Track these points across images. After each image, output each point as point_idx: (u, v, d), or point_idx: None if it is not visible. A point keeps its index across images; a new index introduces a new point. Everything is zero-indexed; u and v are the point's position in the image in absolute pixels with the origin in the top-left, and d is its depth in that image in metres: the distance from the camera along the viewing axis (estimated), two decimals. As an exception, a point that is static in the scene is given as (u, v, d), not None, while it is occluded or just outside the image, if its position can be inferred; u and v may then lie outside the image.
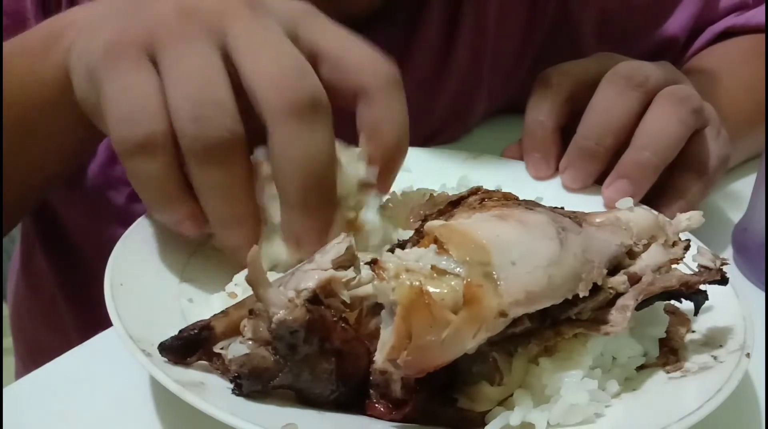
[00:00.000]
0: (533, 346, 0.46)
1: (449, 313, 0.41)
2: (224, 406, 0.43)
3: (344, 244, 0.47)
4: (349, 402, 0.46)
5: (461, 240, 0.43)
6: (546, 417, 0.44)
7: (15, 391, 0.52)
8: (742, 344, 0.49)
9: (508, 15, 0.88)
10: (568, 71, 0.70)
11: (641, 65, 0.67)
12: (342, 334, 0.44)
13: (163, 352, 0.46)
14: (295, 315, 0.43)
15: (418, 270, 0.42)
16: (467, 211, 0.49)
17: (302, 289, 0.44)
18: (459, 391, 0.45)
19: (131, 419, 0.50)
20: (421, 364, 0.41)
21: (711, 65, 0.90)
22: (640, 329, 0.50)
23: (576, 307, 0.45)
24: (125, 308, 0.48)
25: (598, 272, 0.46)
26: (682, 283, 0.49)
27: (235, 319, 0.47)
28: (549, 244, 0.45)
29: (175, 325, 0.47)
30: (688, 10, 0.95)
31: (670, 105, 0.64)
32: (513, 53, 0.92)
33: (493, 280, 0.42)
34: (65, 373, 0.54)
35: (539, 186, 0.69)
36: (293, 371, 0.44)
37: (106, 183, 0.80)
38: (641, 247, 0.50)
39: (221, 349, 0.46)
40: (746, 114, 0.81)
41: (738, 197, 0.75)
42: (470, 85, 0.90)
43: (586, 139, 0.66)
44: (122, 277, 0.51)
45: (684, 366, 0.49)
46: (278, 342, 0.43)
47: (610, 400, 0.46)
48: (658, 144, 0.63)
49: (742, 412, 0.53)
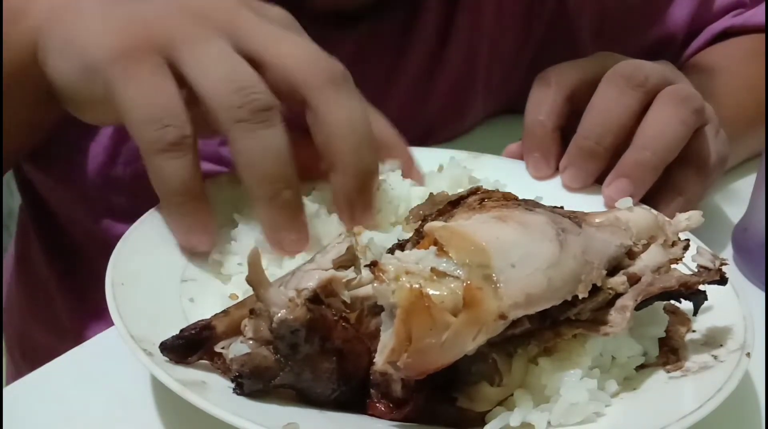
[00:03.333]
0: (533, 347, 0.46)
1: (449, 316, 0.41)
2: (226, 406, 0.43)
3: (345, 243, 0.47)
4: (349, 401, 0.46)
5: (461, 242, 0.43)
6: (546, 417, 0.44)
7: (15, 391, 0.52)
8: (742, 344, 0.49)
9: (505, 12, 0.88)
10: (567, 71, 0.70)
11: (641, 64, 0.67)
12: (343, 333, 0.44)
13: (164, 352, 0.46)
14: (296, 314, 0.43)
15: (418, 272, 0.42)
16: (467, 212, 0.49)
17: (303, 289, 0.44)
18: (459, 391, 0.45)
19: (131, 419, 0.50)
20: (421, 367, 0.41)
21: (711, 65, 0.90)
22: (640, 329, 0.50)
23: (575, 307, 0.45)
24: (126, 307, 0.48)
25: (598, 273, 0.46)
26: (682, 283, 0.49)
27: (236, 318, 0.47)
28: (548, 246, 0.45)
29: (176, 325, 0.47)
30: (685, 9, 0.95)
31: (672, 105, 0.64)
32: (510, 51, 0.92)
33: (492, 282, 0.42)
34: (65, 373, 0.54)
35: (539, 185, 0.69)
36: (294, 371, 0.44)
37: (106, 183, 0.80)
38: (641, 247, 0.50)
39: (222, 349, 0.46)
40: (746, 114, 0.81)
41: (738, 197, 0.75)
42: (466, 83, 0.90)
43: (586, 139, 0.66)
44: (123, 276, 0.51)
45: (684, 365, 0.49)
46: (279, 341, 0.44)
47: (610, 399, 0.47)
48: (659, 144, 0.63)
49: (742, 411, 0.53)
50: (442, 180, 0.63)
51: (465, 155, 0.71)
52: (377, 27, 0.83)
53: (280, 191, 0.54)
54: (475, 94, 0.92)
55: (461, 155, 0.71)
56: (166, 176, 0.53)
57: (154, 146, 0.52)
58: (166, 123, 0.52)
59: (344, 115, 0.54)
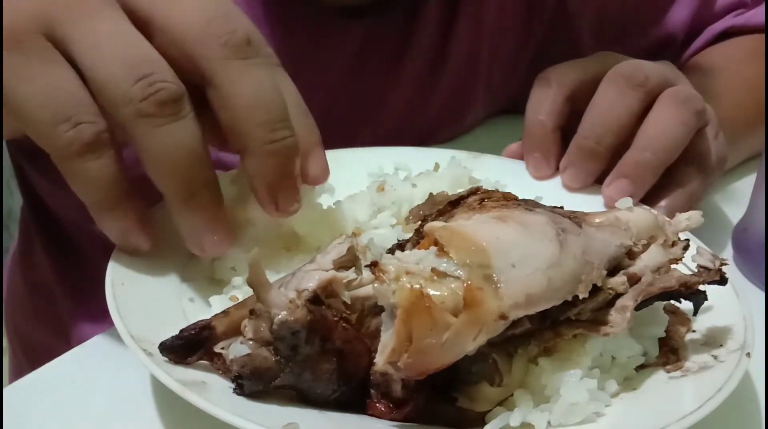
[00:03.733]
0: (533, 347, 0.46)
1: (449, 316, 0.41)
2: (226, 406, 0.43)
3: (346, 244, 0.47)
4: (349, 401, 0.46)
5: (461, 242, 0.43)
6: (546, 417, 0.44)
7: (15, 391, 0.52)
8: (742, 344, 0.49)
9: (506, 12, 0.89)
10: (568, 71, 0.70)
11: (642, 64, 0.67)
12: (343, 334, 0.44)
13: (164, 352, 0.46)
14: (297, 315, 0.43)
15: (419, 272, 0.42)
16: (467, 212, 0.49)
17: (303, 290, 0.44)
18: (459, 391, 0.45)
19: (131, 419, 0.50)
20: (422, 367, 0.41)
21: (711, 65, 0.90)
22: (640, 329, 0.50)
23: (576, 307, 0.45)
24: (126, 308, 0.48)
25: (598, 273, 0.46)
26: (682, 283, 0.49)
27: (235, 319, 0.47)
28: (549, 246, 0.45)
29: (176, 325, 0.47)
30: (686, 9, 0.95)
31: (673, 106, 0.64)
32: (511, 51, 0.92)
33: (493, 282, 0.42)
34: (65, 373, 0.54)
35: (539, 185, 0.69)
36: (295, 372, 0.44)
37: None
38: (641, 248, 0.50)
39: (222, 349, 0.46)
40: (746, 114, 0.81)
41: (738, 197, 0.75)
42: (467, 83, 0.90)
43: (587, 139, 0.66)
44: (123, 276, 0.51)
45: (684, 365, 0.49)
46: (280, 343, 0.44)
47: (610, 399, 0.47)
48: (660, 145, 0.63)
49: (742, 411, 0.53)
50: (442, 180, 0.63)
51: (465, 155, 0.71)
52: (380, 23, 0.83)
53: (197, 192, 0.49)
54: (476, 93, 0.92)
55: (461, 155, 0.71)
56: (90, 181, 0.47)
57: (69, 150, 0.46)
58: (76, 121, 0.46)
59: (250, 89, 0.48)
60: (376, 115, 0.88)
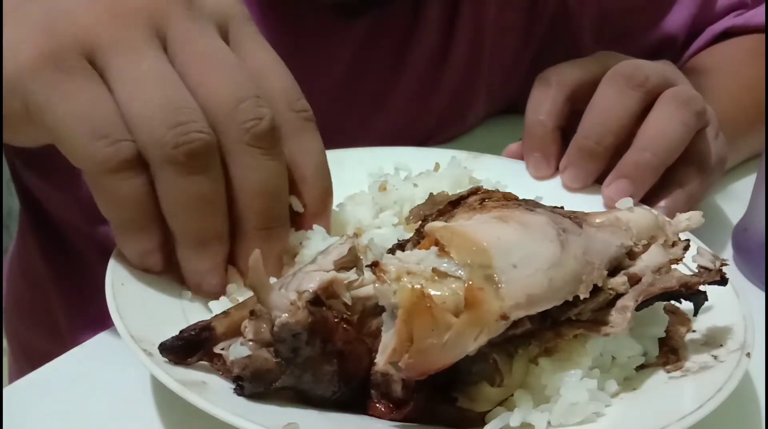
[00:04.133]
0: (533, 347, 0.46)
1: (450, 316, 0.41)
2: (226, 406, 0.43)
3: (347, 245, 0.47)
4: (350, 401, 0.46)
5: (462, 242, 0.43)
6: (546, 417, 0.44)
7: (15, 391, 0.52)
8: (742, 344, 0.49)
9: (506, 12, 0.89)
10: (568, 70, 0.70)
11: (642, 64, 0.67)
12: (344, 335, 0.44)
13: (164, 353, 0.46)
14: (298, 317, 0.43)
15: (420, 273, 0.42)
16: (467, 212, 0.49)
17: (304, 291, 0.44)
18: (459, 391, 0.45)
19: (131, 419, 0.50)
20: (423, 367, 0.41)
21: (711, 65, 0.90)
22: (640, 329, 0.50)
23: (576, 308, 0.45)
24: (126, 308, 0.48)
25: (599, 274, 0.46)
26: (682, 283, 0.49)
27: (236, 319, 0.47)
28: (549, 247, 0.45)
29: (176, 325, 0.47)
30: (686, 9, 0.95)
31: (674, 107, 0.64)
32: (512, 51, 0.92)
33: (494, 282, 0.42)
34: (65, 373, 0.54)
35: (539, 185, 0.69)
36: (295, 373, 0.44)
37: None
38: (641, 248, 0.50)
39: (222, 350, 0.46)
40: (746, 114, 0.82)
41: (738, 197, 0.75)
42: (468, 83, 0.90)
43: (587, 139, 0.66)
44: (123, 277, 0.51)
45: (684, 365, 0.49)
46: (280, 345, 0.43)
47: (610, 399, 0.47)
48: (660, 145, 0.63)
49: (742, 411, 0.53)
50: (443, 180, 0.63)
51: (465, 155, 0.71)
52: (381, 23, 0.83)
53: (208, 241, 0.50)
54: (476, 93, 0.92)
55: (462, 155, 0.71)
56: (121, 199, 0.48)
57: (106, 165, 0.46)
58: (116, 138, 0.46)
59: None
60: (376, 115, 0.88)
